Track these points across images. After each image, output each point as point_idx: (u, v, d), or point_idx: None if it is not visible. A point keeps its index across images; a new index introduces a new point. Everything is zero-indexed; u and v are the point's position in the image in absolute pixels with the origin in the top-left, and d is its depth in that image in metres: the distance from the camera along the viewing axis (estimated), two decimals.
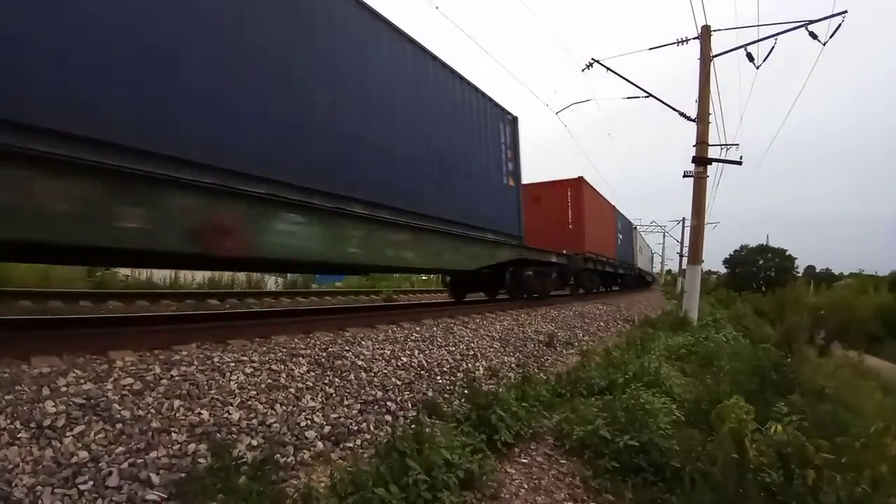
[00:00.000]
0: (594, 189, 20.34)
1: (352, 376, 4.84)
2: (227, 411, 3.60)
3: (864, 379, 11.37)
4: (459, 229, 9.39)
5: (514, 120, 11.98)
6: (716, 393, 5.40)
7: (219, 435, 3.33)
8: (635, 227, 35.46)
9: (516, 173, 11.98)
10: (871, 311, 27.58)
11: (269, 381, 4.19)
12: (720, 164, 15.23)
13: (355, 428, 4.12)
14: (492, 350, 7.37)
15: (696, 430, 4.58)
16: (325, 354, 5.07)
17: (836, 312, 22.44)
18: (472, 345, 7.19)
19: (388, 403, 4.69)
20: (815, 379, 6.76)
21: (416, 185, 8.25)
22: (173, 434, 3.19)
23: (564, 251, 15.14)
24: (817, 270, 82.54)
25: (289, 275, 19.01)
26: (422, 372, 5.61)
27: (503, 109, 11.55)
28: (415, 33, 7.95)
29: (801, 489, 3.26)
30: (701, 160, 13.96)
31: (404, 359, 5.73)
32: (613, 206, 25.20)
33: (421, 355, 6.03)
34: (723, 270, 73.15)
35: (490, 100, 10.94)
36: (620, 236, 26.33)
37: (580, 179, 18.30)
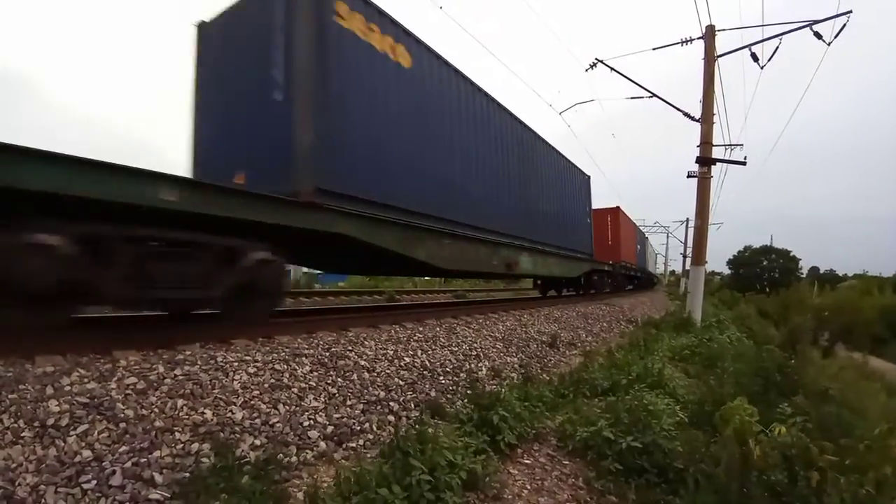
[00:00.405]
0: (626, 213, 27.13)
1: (354, 376, 4.84)
2: (231, 411, 3.61)
3: (868, 381, 11.31)
4: (567, 252, 15.49)
5: (588, 178, 18.38)
6: (719, 394, 5.38)
7: (222, 434, 3.34)
8: (647, 238, 42.67)
9: (589, 212, 18.57)
10: (876, 313, 27.45)
11: (273, 380, 4.19)
12: (724, 164, 15.17)
13: (358, 428, 4.12)
14: (494, 350, 7.36)
15: (699, 431, 4.56)
16: (327, 354, 5.07)
17: (840, 314, 22.33)
18: (475, 345, 7.18)
19: (391, 403, 4.69)
20: (818, 380, 6.72)
21: (555, 230, 14.59)
22: (177, 433, 3.20)
23: (610, 261, 21.80)
24: (821, 271, 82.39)
25: (292, 275, 19.25)
26: (425, 372, 5.61)
27: (581, 171, 17.62)
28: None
29: (804, 491, 3.24)
30: (705, 160, 13.91)
31: (407, 359, 5.73)
32: (635, 224, 32.26)
33: (424, 355, 6.03)
34: (726, 271, 72.99)
35: (575, 166, 16.88)
36: (639, 247, 32.83)
37: (618, 208, 25.05)
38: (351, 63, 6.66)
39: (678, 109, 14.68)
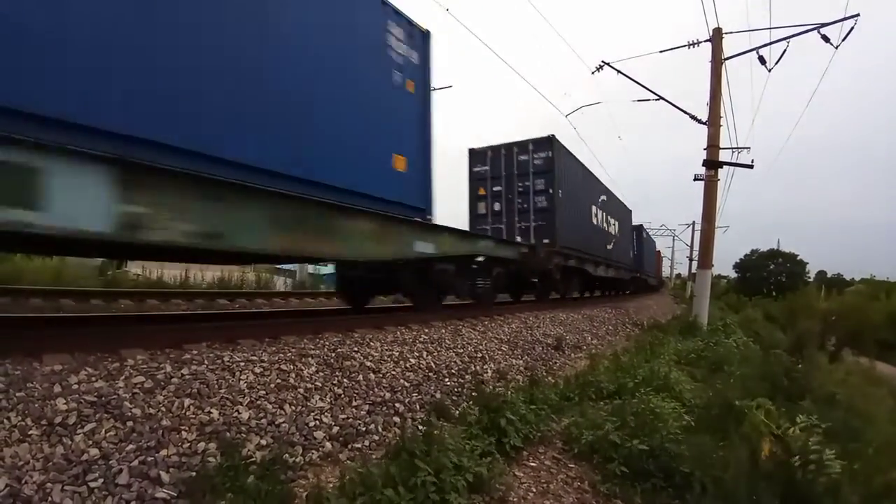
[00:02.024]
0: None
1: (360, 377, 4.84)
2: (237, 410, 3.61)
3: (875, 386, 11.25)
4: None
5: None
6: (726, 398, 5.37)
7: (228, 434, 3.34)
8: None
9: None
10: (883, 318, 27.26)
11: (279, 380, 4.20)
12: (731, 167, 15.14)
13: (363, 429, 4.12)
14: (500, 353, 7.35)
15: (706, 435, 4.55)
16: (333, 355, 5.07)
17: (847, 318, 22.18)
18: (481, 347, 7.17)
19: (397, 405, 4.69)
20: (826, 385, 6.70)
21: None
22: (183, 432, 3.20)
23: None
24: (829, 276, 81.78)
25: (297, 276, 19.33)
26: (430, 374, 5.60)
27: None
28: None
29: (813, 494, 3.23)
30: (712, 163, 13.89)
31: (413, 360, 5.73)
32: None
33: (429, 357, 6.02)
34: (733, 275, 72.63)
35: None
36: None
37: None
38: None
39: (685, 112, 14.68)
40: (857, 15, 12.55)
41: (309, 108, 5.70)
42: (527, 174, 13.90)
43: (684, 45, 14.65)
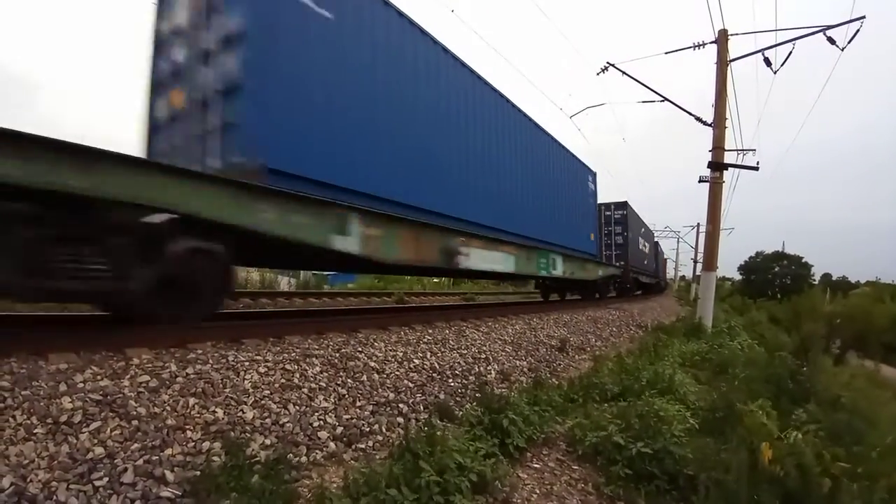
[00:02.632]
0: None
1: (364, 377, 4.85)
2: (241, 410, 3.62)
3: (879, 389, 11.19)
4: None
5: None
6: (731, 401, 5.35)
7: (233, 433, 3.35)
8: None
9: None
10: (888, 321, 27.15)
11: (283, 380, 4.21)
12: (736, 169, 15.09)
13: (367, 429, 4.13)
14: (504, 354, 7.35)
15: (710, 438, 4.53)
16: (337, 355, 5.08)
17: (851, 321, 22.08)
18: (485, 348, 7.18)
19: (401, 405, 4.69)
20: (830, 388, 6.66)
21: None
22: (188, 432, 3.21)
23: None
24: (834, 278, 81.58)
25: (302, 275, 19.36)
26: (434, 374, 5.61)
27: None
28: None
29: (816, 497, 3.22)
30: (717, 165, 13.84)
31: (416, 361, 5.73)
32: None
33: (433, 358, 6.03)
34: (737, 277, 72.44)
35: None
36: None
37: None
38: None
39: (690, 114, 14.65)
40: (863, 17, 12.51)
41: (564, 213, 14.51)
42: (610, 223, 23.46)
43: (690, 47, 14.61)
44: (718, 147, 13.78)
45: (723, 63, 13.83)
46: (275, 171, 5.49)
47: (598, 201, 19.00)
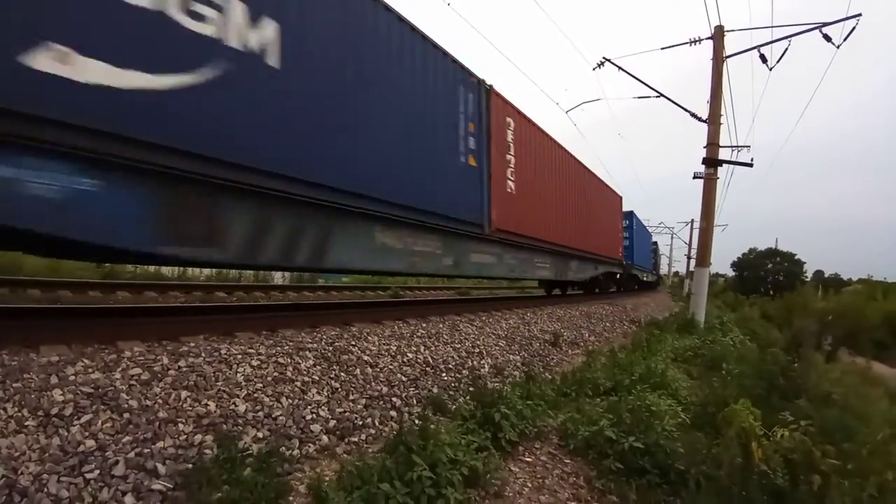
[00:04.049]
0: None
1: (357, 371, 4.85)
2: (234, 403, 3.62)
3: (870, 386, 11.27)
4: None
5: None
6: (722, 396, 5.37)
7: (225, 426, 3.35)
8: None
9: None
10: (880, 318, 27.32)
11: (276, 374, 4.20)
12: (731, 165, 15.13)
13: (360, 423, 4.13)
14: (497, 348, 7.36)
15: (701, 433, 4.56)
16: (331, 349, 5.08)
17: (843, 318, 22.21)
18: (478, 342, 7.18)
19: (394, 399, 4.70)
20: (822, 385, 6.70)
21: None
22: (180, 424, 3.21)
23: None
24: (826, 275, 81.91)
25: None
26: (427, 368, 5.61)
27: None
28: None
29: (806, 494, 3.24)
30: (711, 161, 13.87)
31: (410, 355, 5.73)
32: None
33: (427, 352, 6.03)
34: (731, 273, 72.70)
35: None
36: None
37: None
38: None
39: (685, 110, 14.66)
40: (859, 15, 12.54)
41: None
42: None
43: (686, 43, 14.61)
44: (713, 143, 13.80)
45: (718, 59, 13.83)
46: None
47: None
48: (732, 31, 14.15)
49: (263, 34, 4.96)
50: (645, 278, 34.43)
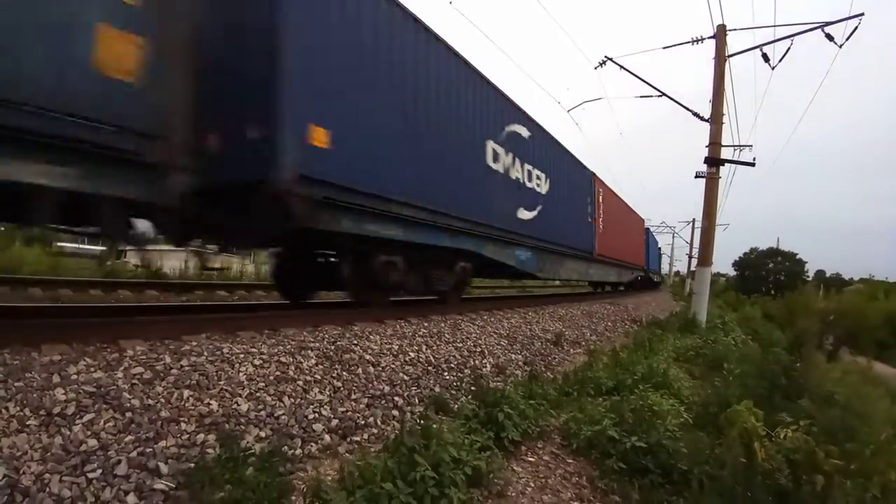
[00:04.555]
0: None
1: (360, 370, 4.84)
2: (236, 402, 3.61)
3: (872, 386, 11.25)
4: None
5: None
6: (724, 396, 5.36)
7: (227, 426, 3.34)
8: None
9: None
10: (881, 318, 27.30)
11: (278, 373, 4.19)
12: (733, 165, 15.11)
13: (363, 422, 4.12)
14: (499, 347, 7.35)
15: (704, 433, 4.55)
16: (333, 348, 5.07)
17: (845, 318, 22.18)
18: (480, 342, 7.18)
19: (396, 398, 4.69)
20: (823, 385, 6.69)
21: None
22: (182, 424, 3.20)
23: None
24: (828, 275, 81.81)
25: None
26: (429, 368, 5.60)
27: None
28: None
29: (809, 494, 3.23)
30: (713, 161, 13.86)
31: (412, 354, 5.73)
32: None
33: (428, 351, 6.02)
34: (732, 273, 72.70)
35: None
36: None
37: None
38: None
39: (687, 109, 14.65)
40: (862, 14, 12.52)
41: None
42: None
43: (688, 42, 14.59)
44: (715, 143, 13.79)
45: (721, 58, 13.82)
46: None
47: None
48: (735, 30, 14.14)
49: (548, 184, 12.35)
50: (655, 279, 39.61)
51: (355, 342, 5.44)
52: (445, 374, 5.66)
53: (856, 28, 12.56)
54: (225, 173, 5.13)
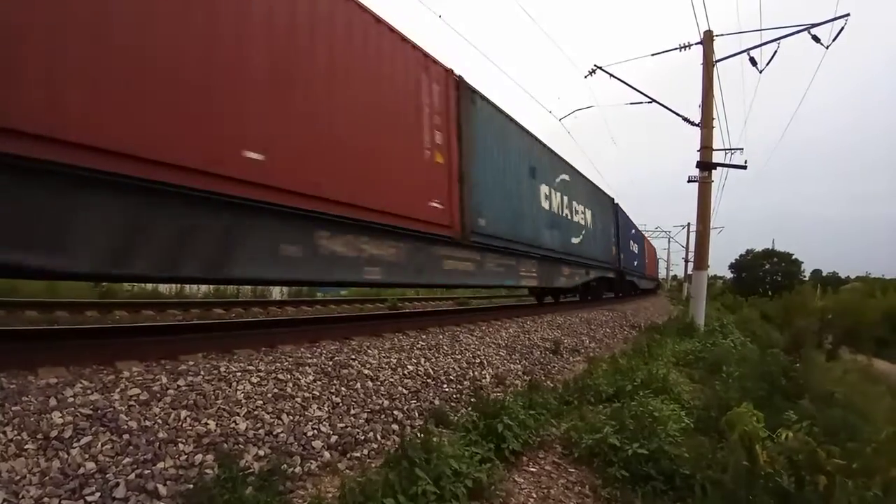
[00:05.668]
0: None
1: (358, 385, 4.83)
2: (234, 421, 3.59)
3: (872, 383, 11.27)
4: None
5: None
6: (725, 399, 5.36)
7: (226, 445, 3.32)
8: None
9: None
10: (879, 315, 27.37)
11: (276, 390, 4.18)
12: (725, 168, 15.19)
13: (362, 437, 4.10)
14: (498, 357, 7.34)
15: (705, 437, 4.54)
16: (331, 363, 5.06)
17: (843, 316, 22.24)
18: (479, 352, 7.16)
19: (395, 412, 4.67)
20: (823, 384, 6.70)
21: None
22: (180, 444, 3.18)
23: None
24: (824, 274, 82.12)
25: None
26: (428, 380, 5.59)
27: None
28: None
29: (812, 495, 3.22)
30: (705, 165, 13.92)
31: (410, 367, 5.71)
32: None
33: (427, 363, 6.01)
34: (729, 275, 72.87)
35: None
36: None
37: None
38: None
39: (678, 114, 14.74)
40: (847, 15, 12.64)
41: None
42: None
43: (676, 48, 14.71)
44: (706, 147, 13.87)
45: (709, 63, 13.92)
46: None
47: None
48: (721, 35, 14.27)
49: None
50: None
51: (353, 357, 5.42)
52: (445, 386, 5.65)
53: (842, 29, 12.69)
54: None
